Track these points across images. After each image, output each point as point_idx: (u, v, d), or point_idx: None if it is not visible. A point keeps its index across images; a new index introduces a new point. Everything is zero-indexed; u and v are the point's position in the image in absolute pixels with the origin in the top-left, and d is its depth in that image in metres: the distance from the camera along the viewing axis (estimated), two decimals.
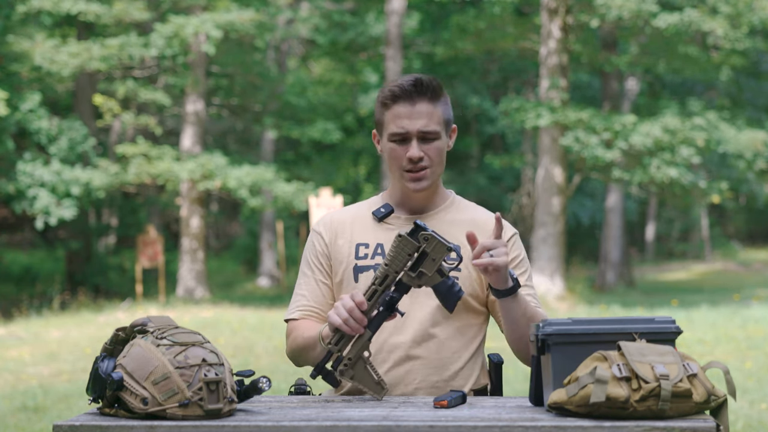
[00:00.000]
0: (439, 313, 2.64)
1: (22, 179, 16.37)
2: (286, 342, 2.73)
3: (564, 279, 17.13)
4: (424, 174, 2.64)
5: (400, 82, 2.63)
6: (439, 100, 2.65)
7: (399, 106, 2.62)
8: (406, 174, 2.64)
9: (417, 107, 2.61)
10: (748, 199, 32.50)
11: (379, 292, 2.43)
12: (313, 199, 15.49)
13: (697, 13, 16.45)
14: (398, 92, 2.61)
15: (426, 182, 2.65)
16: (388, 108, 2.64)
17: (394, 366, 2.63)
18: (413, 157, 2.61)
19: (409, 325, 2.64)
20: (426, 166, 2.64)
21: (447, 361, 2.65)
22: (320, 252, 2.74)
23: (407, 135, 2.62)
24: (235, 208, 29.20)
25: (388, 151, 2.66)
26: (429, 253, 2.41)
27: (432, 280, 2.42)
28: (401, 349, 2.63)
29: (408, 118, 2.61)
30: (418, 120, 2.61)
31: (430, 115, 2.62)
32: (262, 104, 20.42)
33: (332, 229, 2.75)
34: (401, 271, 2.42)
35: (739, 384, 8.02)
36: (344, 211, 2.79)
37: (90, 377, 2.23)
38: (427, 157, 2.63)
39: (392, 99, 2.63)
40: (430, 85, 2.62)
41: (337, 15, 22.87)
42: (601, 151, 16.44)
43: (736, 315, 14.08)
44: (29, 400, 7.84)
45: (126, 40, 16.93)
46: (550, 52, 17.09)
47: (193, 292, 18.23)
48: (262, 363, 9.77)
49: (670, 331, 2.21)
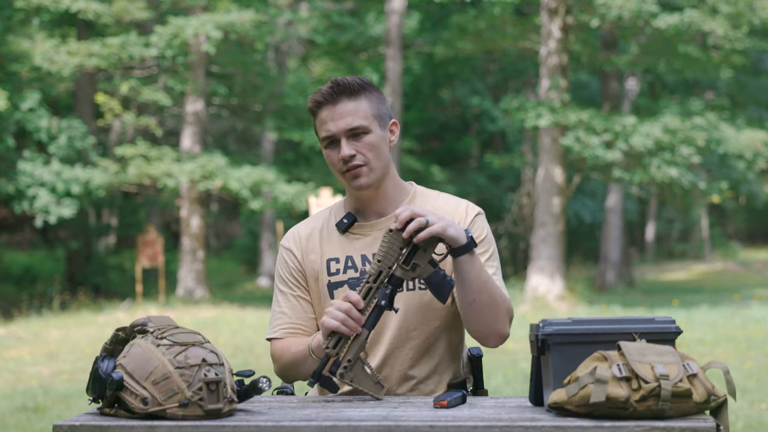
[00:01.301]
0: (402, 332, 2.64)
1: (22, 179, 16.38)
2: (273, 360, 2.70)
3: (564, 279, 17.13)
4: (360, 171, 2.61)
5: (320, 89, 2.63)
6: (361, 96, 2.61)
7: (322, 111, 2.61)
8: (345, 175, 2.62)
9: (338, 108, 2.60)
10: (748, 199, 32.48)
11: (374, 289, 2.43)
12: (313, 199, 15.50)
13: (697, 13, 16.46)
14: (319, 98, 2.61)
15: (366, 179, 2.62)
16: (315, 117, 2.63)
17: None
18: (344, 156, 2.59)
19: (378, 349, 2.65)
20: (361, 163, 2.61)
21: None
22: (294, 268, 2.72)
23: (334, 137, 2.60)
24: (235, 208, 29.22)
25: (326, 158, 2.65)
26: (420, 245, 2.42)
27: (425, 271, 2.43)
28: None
29: (331, 120, 2.60)
30: (341, 120, 2.59)
31: (354, 112, 2.60)
32: (262, 104, 20.43)
33: (301, 245, 2.72)
34: (394, 266, 2.43)
35: (739, 384, 8.02)
36: (308, 224, 2.77)
37: (90, 377, 2.23)
38: (360, 153, 2.60)
39: (316, 106, 2.62)
40: (347, 84, 2.60)
41: (336, 16, 22.87)
42: (601, 152, 16.45)
43: (736, 315, 14.08)
44: (29, 400, 7.84)
45: (126, 39, 16.93)
46: (550, 52, 17.09)
47: (193, 292, 18.23)
48: (262, 363, 9.77)
49: (670, 331, 2.21)
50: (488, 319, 2.54)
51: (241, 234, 29.99)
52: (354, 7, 23.69)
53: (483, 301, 2.52)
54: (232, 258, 28.65)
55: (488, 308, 2.53)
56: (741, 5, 16.38)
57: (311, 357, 2.56)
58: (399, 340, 2.63)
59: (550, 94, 17.02)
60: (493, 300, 2.53)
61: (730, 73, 19.85)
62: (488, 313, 2.53)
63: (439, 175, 25.46)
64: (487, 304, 2.52)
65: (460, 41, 19.73)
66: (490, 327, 2.55)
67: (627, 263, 23.07)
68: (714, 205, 31.46)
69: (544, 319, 2.26)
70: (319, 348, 2.52)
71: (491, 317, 2.54)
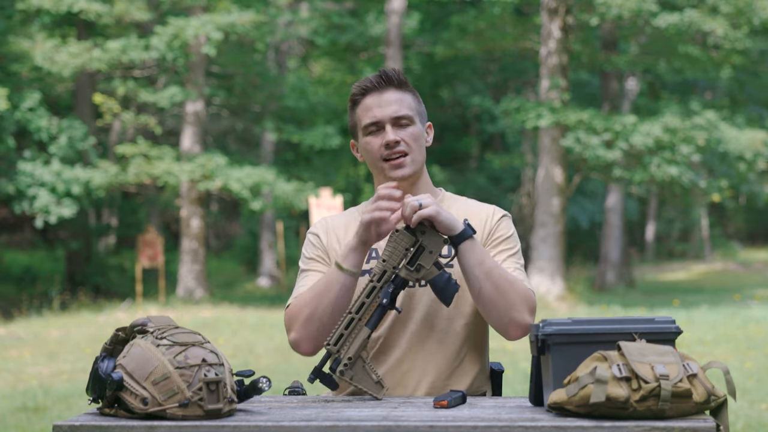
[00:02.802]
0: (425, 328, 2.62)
1: (22, 179, 16.39)
2: (287, 326, 2.60)
3: (564, 279, 17.13)
4: (403, 161, 2.62)
5: (366, 77, 2.65)
6: (406, 89, 2.66)
7: (368, 98, 2.63)
8: (385, 164, 2.62)
9: (385, 96, 2.62)
10: (748, 199, 32.49)
11: (378, 288, 2.43)
12: (313, 199, 15.50)
13: (697, 13, 16.46)
14: (367, 84, 2.63)
15: (407, 169, 2.62)
16: (357, 104, 2.65)
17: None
18: (389, 141, 2.60)
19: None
20: (404, 152, 2.62)
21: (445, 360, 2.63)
22: (319, 248, 2.71)
23: (380, 123, 2.62)
24: (235, 208, 29.23)
25: (366, 146, 2.64)
26: (426, 247, 2.42)
27: (430, 273, 2.43)
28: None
29: (378, 106, 2.62)
30: (387, 107, 2.61)
31: (400, 101, 2.63)
32: (262, 105, 20.43)
33: (328, 232, 2.73)
34: (399, 267, 2.43)
35: (739, 384, 8.02)
36: (338, 216, 2.78)
37: (90, 377, 2.23)
38: (404, 142, 2.61)
39: (361, 94, 2.64)
40: (395, 75, 2.64)
41: (336, 16, 22.86)
42: (602, 151, 16.45)
43: (736, 315, 14.08)
44: (29, 400, 7.84)
45: (127, 43, 16.94)
46: (550, 52, 17.09)
47: (193, 293, 18.23)
48: (262, 363, 9.77)
49: (670, 332, 2.21)
50: (501, 308, 2.50)
51: (241, 234, 29.98)
52: (354, 8, 23.68)
53: (489, 288, 2.49)
54: (232, 258, 28.64)
55: (498, 295, 2.49)
56: (741, 5, 16.38)
57: (340, 271, 2.50)
58: (418, 345, 2.61)
59: (550, 94, 17.02)
60: (500, 287, 2.49)
61: (730, 73, 19.85)
62: (499, 300, 2.49)
63: (439, 175, 25.46)
64: (495, 291, 2.49)
65: (460, 41, 19.74)
66: (505, 316, 2.50)
67: (627, 263, 23.06)
68: (714, 205, 31.46)
69: (544, 319, 2.26)
70: (348, 255, 2.50)
71: (504, 305, 2.49)
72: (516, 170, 26.52)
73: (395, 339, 2.62)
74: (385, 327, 2.61)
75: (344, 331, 2.42)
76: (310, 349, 2.57)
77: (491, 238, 2.67)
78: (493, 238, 2.67)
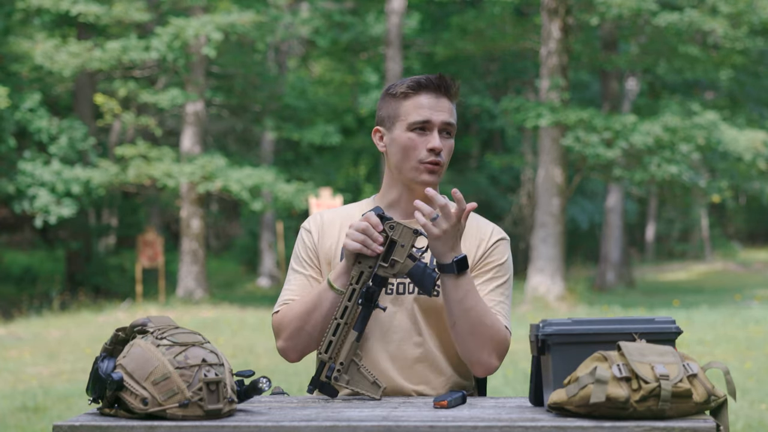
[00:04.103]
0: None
1: (22, 179, 16.39)
2: (275, 334, 2.63)
3: (564, 279, 17.13)
4: (440, 170, 2.60)
5: (424, 75, 2.62)
6: (454, 102, 2.64)
7: (423, 96, 2.59)
8: (421, 166, 2.59)
9: (441, 101, 2.60)
10: (748, 199, 32.50)
11: (358, 290, 2.43)
12: (313, 199, 15.50)
13: (697, 12, 16.46)
14: (424, 82, 2.59)
15: (437, 177, 2.60)
16: (408, 98, 2.59)
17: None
18: (436, 148, 2.57)
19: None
20: (442, 161, 2.60)
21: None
22: (309, 248, 2.69)
23: (430, 125, 2.59)
24: (235, 209, 29.21)
25: (404, 141, 2.59)
26: (397, 241, 2.42)
27: (405, 266, 2.42)
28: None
29: (433, 108, 2.59)
30: (442, 113, 2.59)
31: (450, 111, 2.62)
32: (262, 105, 20.43)
33: (321, 228, 2.70)
34: (375, 266, 2.42)
35: (739, 384, 8.02)
36: (335, 211, 2.74)
37: (90, 377, 2.23)
38: (443, 152, 2.61)
39: (416, 89, 2.59)
40: (453, 84, 2.62)
41: (337, 16, 22.87)
42: (602, 150, 16.45)
43: (736, 315, 14.08)
44: (29, 400, 7.84)
45: (127, 43, 16.94)
46: (550, 52, 17.09)
47: (193, 293, 18.23)
48: (262, 363, 9.77)
49: (670, 332, 2.21)
50: (470, 347, 2.49)
51: (241, 234, 29.98)
52: (354, 7, 23.68)
53: (463, 327, 2.47)
54: (232, 258, 28.65)
55: (470, 335, 2.48)
56: (741, 5, 16.38)
57: (331, 290, 2.50)
58: (405, 345, 2.60)
59: (551, 94, 17.02)
60: (475, 328, 2.47)
61: (730, 72, 19.84)
62: (470, 341, 2.49)
63: None
64: (469, 330, 2.47)
65: (460, 41, 19.73)
66: (473, 355, 2.50)
67: (627, 263, 23.07)
68: (714, 205, 31.47)
69: (544, 319, 2.26)
70: (339, 276, 2.49)
71: (474, 346, 2.49)
72: (516, 170, 26.52)
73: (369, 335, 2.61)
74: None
75: (332, 338, 2.43)
76: (296, 357, 2.62)
77: (483, 262, 2.63)
78: (484, 263, 2.63)
